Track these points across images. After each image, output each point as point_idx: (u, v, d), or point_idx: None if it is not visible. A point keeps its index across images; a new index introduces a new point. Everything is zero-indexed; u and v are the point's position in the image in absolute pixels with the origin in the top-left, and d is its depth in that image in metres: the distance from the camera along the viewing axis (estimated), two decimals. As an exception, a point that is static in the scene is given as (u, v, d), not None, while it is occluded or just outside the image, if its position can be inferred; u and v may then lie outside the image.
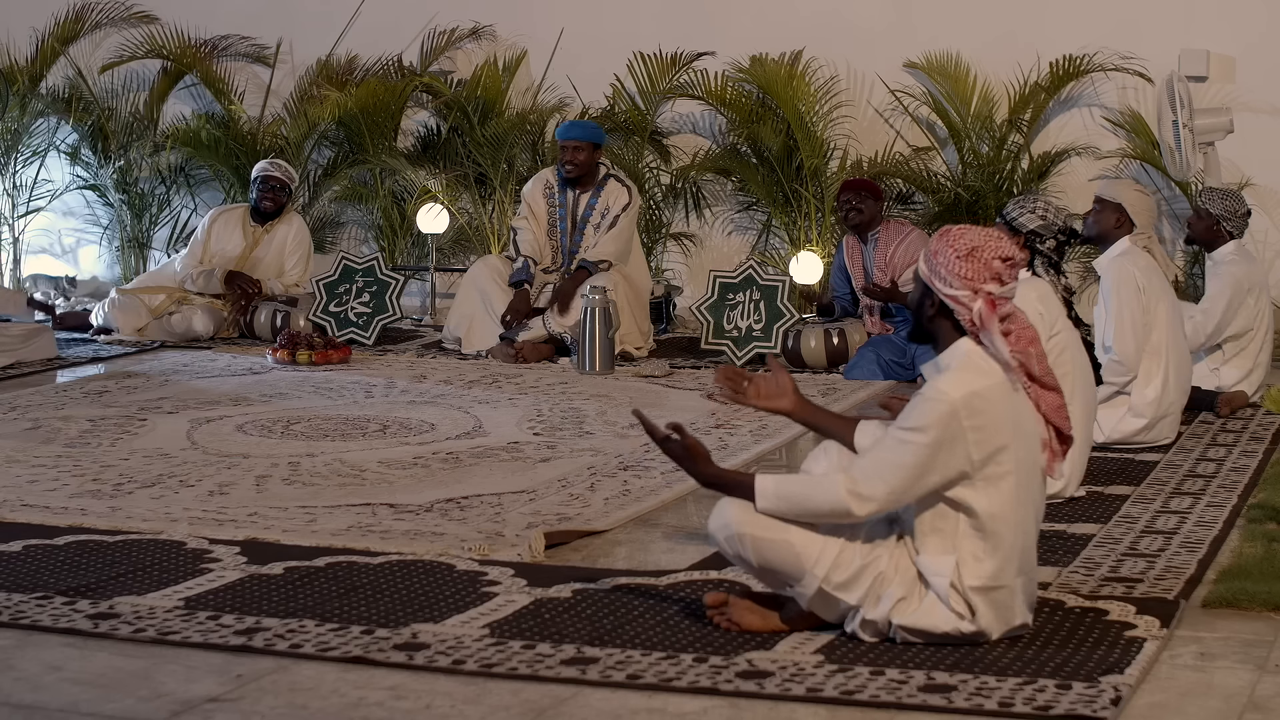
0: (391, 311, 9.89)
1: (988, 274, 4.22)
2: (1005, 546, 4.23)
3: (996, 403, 4.19)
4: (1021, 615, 4.34)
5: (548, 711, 3.92)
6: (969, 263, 4.22)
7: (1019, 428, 4.24)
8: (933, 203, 10.65)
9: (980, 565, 4.23)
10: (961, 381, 4.18)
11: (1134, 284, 6.94)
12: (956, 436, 4.15)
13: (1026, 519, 4.29)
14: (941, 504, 4.23)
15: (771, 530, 4.29)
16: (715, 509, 4.42)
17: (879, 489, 4.17)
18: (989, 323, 4.20)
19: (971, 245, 4.23)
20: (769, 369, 4.65)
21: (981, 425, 4.16)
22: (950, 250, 4.25)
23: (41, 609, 4.59)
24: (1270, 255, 10.29)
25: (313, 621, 4.51)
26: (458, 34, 11.55)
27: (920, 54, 10.63)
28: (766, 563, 4.32)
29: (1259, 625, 4.59)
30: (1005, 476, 4.20)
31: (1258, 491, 6.18)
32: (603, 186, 9.51)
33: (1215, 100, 10.08)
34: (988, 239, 4.26)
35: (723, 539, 4.37)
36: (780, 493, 4.29)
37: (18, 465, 6.49)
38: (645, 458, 6.73)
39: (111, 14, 12.04)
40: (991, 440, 4.17)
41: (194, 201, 11.98)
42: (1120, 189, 7.26)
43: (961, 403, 4.15)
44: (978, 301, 4.22)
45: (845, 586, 4.29)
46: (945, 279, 4.25)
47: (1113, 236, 7.15)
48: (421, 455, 6.77)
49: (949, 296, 4.24)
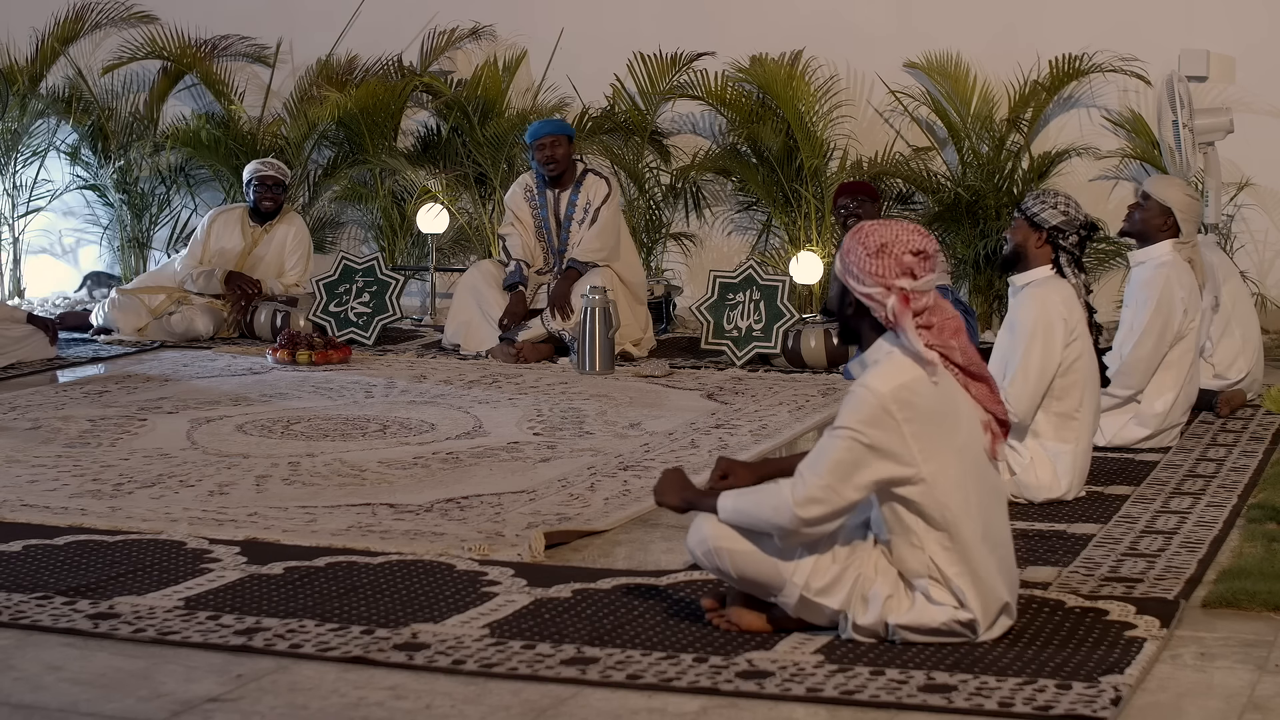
0: (391, 311, 9.89)
1: (898, 269, 4.24)
2: (965, 531, 4.25)
3: (924, 394, 4.21)
4: (1003, 593, 4.34)
5: (548, 711, 3.92)
6: (879, 259, 4.24)
7: (953, 414, 4.26)
8: (933, 203, 10.65)
9: (949, 553, 4.25)
10: (887, 376, 4.21)
11: (1174, 303, 6.84)
12: (889, 430, 4.17)
13: (983, 499, 4.30)
14: (897, 504, 4.25)
15: (746, 542, 4.34)
16: (692, 525, 4.48)
17: (816, 487, 4.19)
18: (902, 319, 4.22)
19: (881, 242, 4.25)
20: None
21: (912, 417, 4.18)
22: (860, 248, 4.27)
23: (41, 609, 4.59)
24: (1270, 255, 10.30)
25: (313, 621, 4.51)
26: (458, 34, 11.55)
27: (920, 54, 10.62)
28: (745, 575, 4.36)
29: (1259, 625, 4.60)
30: (948, 465, 4.22)
31: (1258, 491, 6.17)
32: (581, 182, 9.50)
33: (1215, 100, 10.08)
34: (898, 234, 4.27)
35: (700, 554, 4.43)
36: (737, 505, 4.35)
37: (18, 465, 6.49)
38: (645, 458, 6.73)
39: (111, 14, 12.04)
40: (926, 430, 4.20)
41: (194, 201, 11.98)
42: (1171, 190, 7.10)
43: (889, 396, 4.18)
44: (890, 298, 4.24)
45: (826, 591, 4.31)
46: (858, 277, 4.27)
47: (1156, 237, 7.04)
48: (421, 455, 6.77)
49: (863, 295, 4.27)
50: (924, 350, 4.21)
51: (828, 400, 8.03)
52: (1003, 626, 4.37)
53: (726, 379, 8.72)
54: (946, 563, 4.25)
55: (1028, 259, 6.10)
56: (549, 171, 9.43)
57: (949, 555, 4.25)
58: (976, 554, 4.26)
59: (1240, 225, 10.28)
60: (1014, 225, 6.16)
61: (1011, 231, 6.16)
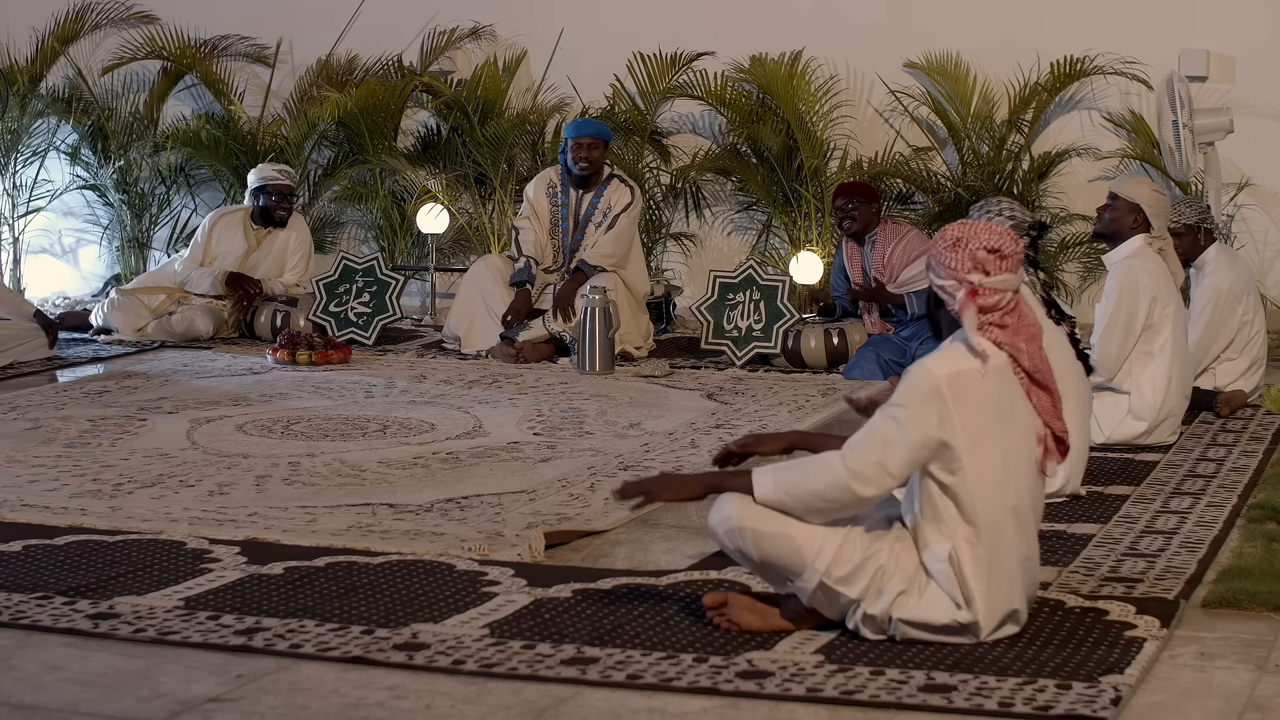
0: (391, 311, 9.89)
1: (971, 264, 4.31)
2: (994, 532, 4.25)
3: (980, 384, 4.25)
4: (1016, 602, 4.34)
5: (548, 711, 3.92)
6: (954, 253, 4.34)
7: (1008, 413, 4.28)
8: (933, 203, 10.66)
9: (974, 550, 4.25)
10: (947, 360, 4.27)
11: (1137, 289, 6.87)
12: (942, 411, 4.21)
13: (1019, 505, 4.31)
14: (934, 486, 4.26)
15: (772, 524, 4.32)
16: (715, 504, 4.43)
17: (867, 463, 4.22)
18: (965, 310, 4.30)
19: (957, 236, 4.35)
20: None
21: (965, 403, 4.22)
22: (941, 242, 4.39)
23: (41, 609, 4.59)
24: (1270, 255, 10.30)
25: (313, 621, 4.51)
26: (458, 34, 11.56)
27: (920, 54, 10.63)
28: (767, 557, 4.34)
29: (1259, 625, 4.59)
30: (990, 459, 4.23)
31: (1258, 491, 6.17)
32: (605, 186, 9.50)
33: (1215, 100, 10.08)
34: (976, 230, 4.36)
35: (723, 533, 4.39)
36: (779, 480, 4.32)
37: (18, 465, 6.49)
38: (645, 458, 6.73)
39: (111, 14, 12.05)
40: (976, 419, 4.22)
41: (194, 201, 11.99)
42: (1137, 189, 7.12)
43: (945, 380, 4.22)
44: (961, 290, 4.31)
45: (846, 580, 4.31)
46: (936, 269, 4.38)
47: (1126, 235, 7.06)
48: (421, 455, 6.77)
49: (938, 286, 4.38)
50: (979, 340, 4.26)
51: (828, 400, 8.03)
52: (1007, 633, 4.36)
53: (726, 379, 8.72)
54: (968, 558, 4.25)
55: None
56: (580, 170, 9.40)
57: (972, 552, 4.25)
58: (998, 557, 4.26)
59: (1240, 225, 10.28)
60: None
61: None
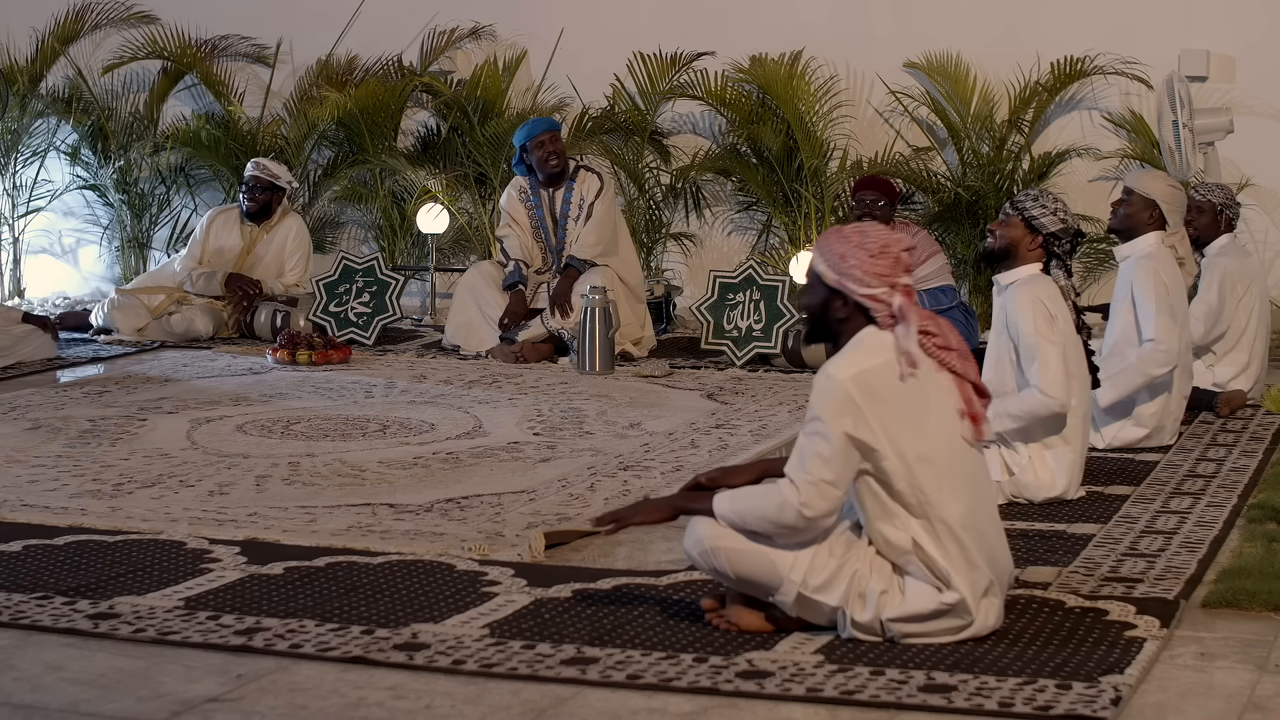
0: (391, 311, 9.89)
1: (900, 268, 4.33)
2: (946, 514, 4.27)
3: (886, 379, 4.26)
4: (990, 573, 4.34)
5: (548, 711, 3.92)
6: (882, 260, 4.31)
7: (922, 400, 4.29)
8: (933, 203, 10.66)
9: (930, 536, 4.28)
10: (849, 362, 4.27)
11: (1163, 285, 6.84)
12: (855, 414, 4.22)
13: (957, 482, 4.30)
14: (873, 487, 4.28)
15: (744, 540, 4.36)
16: (687, 528, 4.49)
17: (805, 485, 4.24)
18: (909, 313, 4.29)
19: (882, 243, 4.33)
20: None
21: (875, 400, 4.23)
22: (862, 251, 4.32)
23: (41, 609, 4.59)
24: (1270, 255, 10.30)
25: (313, 621, 4.51)
26: (458, 34, 11.55)
27: (920, 54, 10.63)
28: (743, 573, 4.38)
29: (1259, 625, 4.60)
30: (917, 449, 4.25)
31: (1258, 491, 6.17)
32: (574, 179, 9.51)
33: (1215, 100, 10.09)
34: (889, 235, 4.37)
35: (697, 554, 4.45)
36: (735, 507, 4.38)
37: (18, 465, 6.49)
38: (645, 458, 6.74)
39: (111, 14, 12.04)
40: (890, 414, 4.23)
41: (194, 201, 11.98)
42: (1154, 184, 7.06)
43: (850, 381, 4.23)
44: (895, 296, 4.30)
45: (824, 589, 4.33)
46: (861, 280, 4.31)
47: (1141, 230, 7.00)
48: (421, 455, 6.77)
49: (866, 296, 4.32)
50: (916, 350, 4.27)
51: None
52: (991, 605, 4.36)
53: (726, 379, 8.72)
54: (929, 543, 4.28)
55: (1018, 258, 6.05)
56: (552, 168, 9.41)
57: (931, 537, 4.28)
58: (960, 536, 4.28)
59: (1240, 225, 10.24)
60: (1006, 221, 6.04)
61: (1003, 228, 6.06)
